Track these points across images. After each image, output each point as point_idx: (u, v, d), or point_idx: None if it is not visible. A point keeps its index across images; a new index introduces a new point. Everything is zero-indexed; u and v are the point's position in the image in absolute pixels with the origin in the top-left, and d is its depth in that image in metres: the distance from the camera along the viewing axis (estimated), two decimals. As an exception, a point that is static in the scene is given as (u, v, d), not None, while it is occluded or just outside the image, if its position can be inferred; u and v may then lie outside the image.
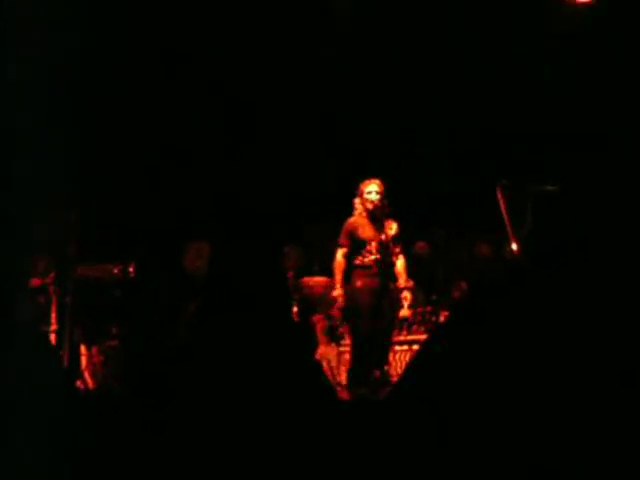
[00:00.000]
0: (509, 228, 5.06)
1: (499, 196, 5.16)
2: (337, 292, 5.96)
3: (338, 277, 5.96)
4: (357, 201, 6.04)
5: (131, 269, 7.03)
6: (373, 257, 5.84)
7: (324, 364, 6.77)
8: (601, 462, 1.75)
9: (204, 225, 8.09)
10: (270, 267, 2.60)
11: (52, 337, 6.32)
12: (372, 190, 5.95)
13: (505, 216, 5.12)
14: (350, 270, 5.91)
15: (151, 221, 8.07)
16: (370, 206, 5.92)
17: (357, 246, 5.89)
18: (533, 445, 1.79)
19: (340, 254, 5.94)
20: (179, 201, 8.21)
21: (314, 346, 7.09)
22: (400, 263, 6.00)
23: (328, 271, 6.37)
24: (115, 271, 7.12)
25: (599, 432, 1.77)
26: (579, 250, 2.09)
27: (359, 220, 5.97)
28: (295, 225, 8.18)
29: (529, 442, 1.80)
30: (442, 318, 6.66)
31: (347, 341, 6.89)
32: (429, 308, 7.07)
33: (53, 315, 7.03)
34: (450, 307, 6.79)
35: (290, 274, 7.25)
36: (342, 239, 5.95)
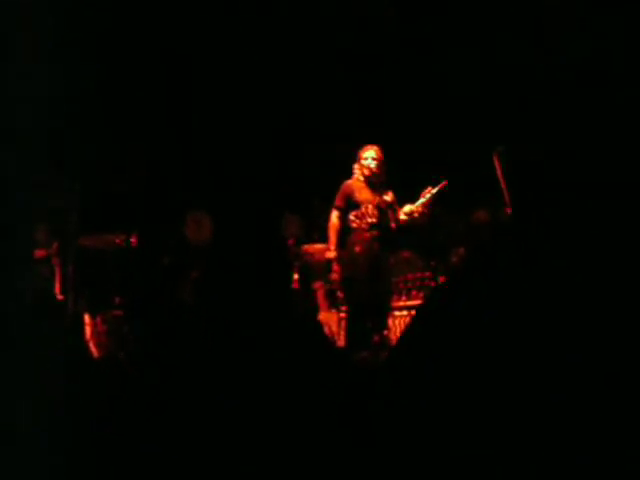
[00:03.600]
0: (505, 193, 5.10)
1: (495, 162, 5.18)
2: (331, 254, 5.95)
3: (332, 239, 5.92)
4: (355, 166, 6.04)
5: (133, 239, 7.08)
6: (370, 220, 5.85)
7: (325, 329, 6.82)
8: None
9: (204, 194, 8.13)
10: (271, 235, 2.63)
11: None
12: (369, 156, 5.96)
13: (501, 182, 5.14)
14: (345, 233, 5.91)
15: (152, 190, 8.10)
16: (367, 172, 5.93)
17: (353, 209, 5.89)
18: (533, 408, 1.82)
19: (335, 216, 5.92)
20: (180, 170, 8.23)
21: (315, 312, 7.16)
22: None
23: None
24: (117, 241, 7.17)
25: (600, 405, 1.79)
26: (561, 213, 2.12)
27: (356, 184, 5.96)
28: (294, 194, 8.21)
29: (528, 406, 1.82)
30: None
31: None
32: (428, 274, 7.12)
33: (57, 285, 7.11)
34: (448, 273, 6.83)
35: (290, 242, 7.29)
36: (338, 201, 5.92)
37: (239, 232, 6.92)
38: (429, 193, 5.94)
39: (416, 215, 5.97)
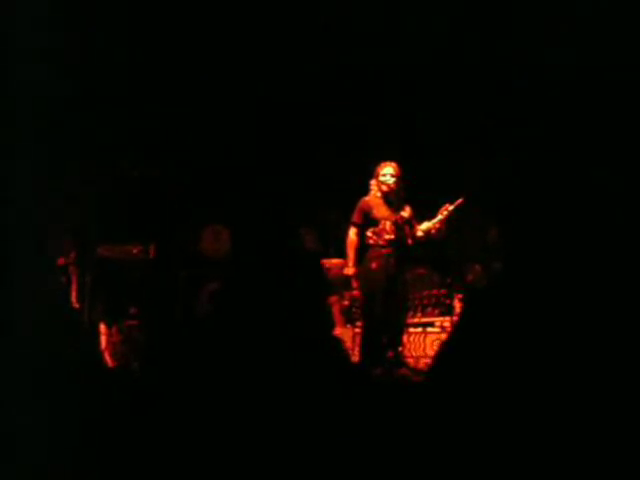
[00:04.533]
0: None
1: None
2: (350, 270, 5.97)
3: (351, 255, 5.94)
4: (372, 182, 6.04)
5: (151, 250, 7.12)
6: (387, 237, 5.86)
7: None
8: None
9: (221, 208, 8.16)
10: (291, 249, 2.64)
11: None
12: (387, 173, 5.96)
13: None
14: (363, 250, 5.92)
15: (171, 203, 8.14)
16: (385, 188, 5.94)
17: (370, 225, 5.90)
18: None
19: (353, 232, 5.93)
20: (199, 183, 8.26)
21: (331, 327, 7.16)
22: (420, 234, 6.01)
23: (344, 253, 6.39)
24: (135, 252, 7.21)
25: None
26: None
27: (374, 200, 5.97)
28: (309, 208, 8.22)
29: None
30: (456, 301, 6.69)
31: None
32: (443, 291, 7.11)
33: (73, 294, 7.15)
34: (464, 290, 6.81)
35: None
36: (356, 217, 5.94)
37: (259, 245, 6.95)
38: (446, 210, 5.94)
39: (433, 232, 5.97)
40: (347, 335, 7.07)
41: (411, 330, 6.71)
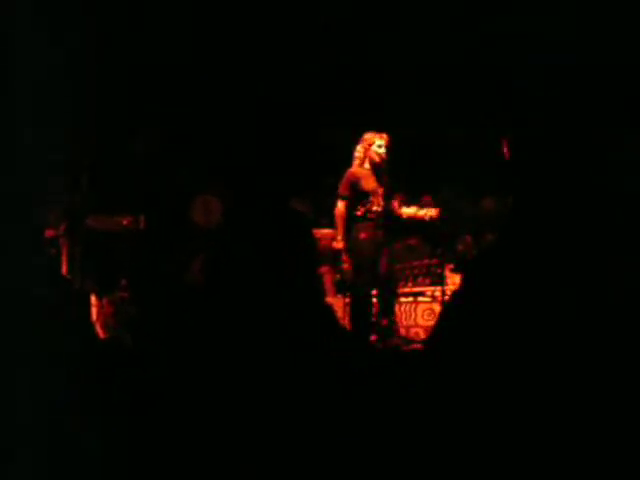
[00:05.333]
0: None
1: (504, 149, 5.16)
2: (340, 244, 5.96)
3: (340, 228, 5.93)
4: (359, 150, 5.94)
5: (141, 221, 7.09)
6: (375, 208, 5.83)
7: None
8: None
9: (214, 178, 8.13)
10: (284, 218, 2.61)
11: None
12: (382, 144, 5.92)
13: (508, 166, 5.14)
14: (351, 221, 5.89)
15: (161, 173, 8.10)
16: (378, 159, 5.90)
17: (359, 197, 5.86)
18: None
19: (342, 205, 5.90)
20: (190, 154, 8.23)
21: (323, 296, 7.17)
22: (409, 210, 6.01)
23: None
24: (125, 223, 7.17)
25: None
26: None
27: (362, 171, 5.92)
28: (301, 179, 8.20)
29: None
30: (447, 271, 6.72)
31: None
32: (434, 261, 7.13)
33: (64, 266, 7.12)
34: (455, 260, 6.84)
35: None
36: (343, 189, 5.88)
37: (251, 215, 6.93)
38: (423, 215, 5.95)
39: (427, 219, 5.97)
40: (338, 305, 7.09)
41: (402, 300, 6.73)
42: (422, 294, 6.85)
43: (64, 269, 7.10)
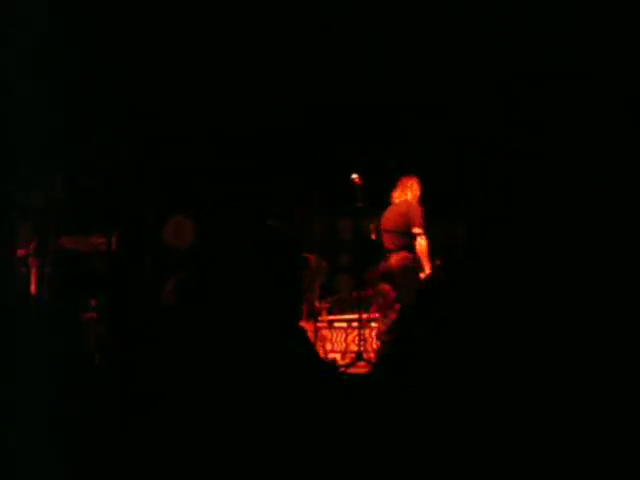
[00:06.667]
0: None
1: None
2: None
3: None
4: (408, 197, 6.43)
5: (113, 242, 7.03)
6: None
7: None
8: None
9: (189, 200, 8.11)
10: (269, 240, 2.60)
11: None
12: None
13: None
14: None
15: (136, 194, 8.06)
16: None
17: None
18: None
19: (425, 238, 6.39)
20: (166, 175, 8.21)
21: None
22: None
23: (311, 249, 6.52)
24: (97, 243, 7.10)
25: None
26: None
27: None
28: (279, 204, 8.22)
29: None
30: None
31: (323, 317, 7.31)
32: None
33: (32, 286, 7.02)
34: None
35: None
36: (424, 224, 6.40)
37: (230, 236, 6.92)
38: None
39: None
40: (309, 329, 7.12)
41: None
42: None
43: (33, 289, 7.00)
